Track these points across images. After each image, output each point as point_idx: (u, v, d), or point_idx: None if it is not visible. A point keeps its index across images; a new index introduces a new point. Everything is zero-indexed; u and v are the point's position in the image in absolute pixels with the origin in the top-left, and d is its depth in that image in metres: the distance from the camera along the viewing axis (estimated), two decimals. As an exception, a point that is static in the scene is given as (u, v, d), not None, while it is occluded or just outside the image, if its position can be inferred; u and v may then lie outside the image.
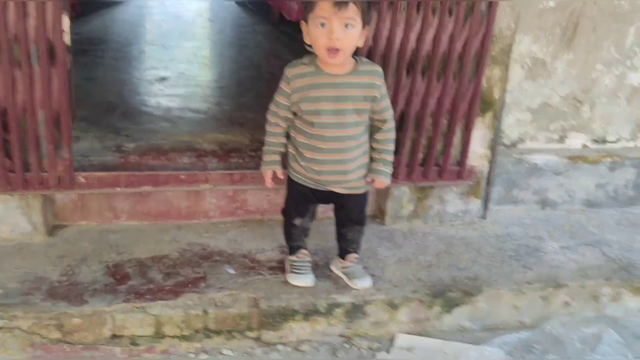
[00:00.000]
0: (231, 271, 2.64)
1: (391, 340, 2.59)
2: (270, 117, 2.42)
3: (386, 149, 2.42)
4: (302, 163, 2.37)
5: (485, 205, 3.29)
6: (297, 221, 2.52)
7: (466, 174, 3.07)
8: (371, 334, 2.63)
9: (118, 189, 2.66)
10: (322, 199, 2.48)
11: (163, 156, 2.87)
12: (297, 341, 2.55)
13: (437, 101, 2.88)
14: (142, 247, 2.75)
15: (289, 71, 2.29)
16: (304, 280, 2.56)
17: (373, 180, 2.44)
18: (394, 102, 2.79)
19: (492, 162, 3.17)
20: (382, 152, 2.41)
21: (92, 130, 3.09)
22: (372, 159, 2.42)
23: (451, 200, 3.19)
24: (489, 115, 3.04)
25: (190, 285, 2.51)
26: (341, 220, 2.56)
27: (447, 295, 2.66)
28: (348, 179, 2.38)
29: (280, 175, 2.48)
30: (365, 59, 2.37)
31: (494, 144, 3.12)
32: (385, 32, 2.68)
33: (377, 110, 2.34)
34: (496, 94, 3.00)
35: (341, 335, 2.60)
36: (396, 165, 2.92)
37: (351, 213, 2.52)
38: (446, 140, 2.99)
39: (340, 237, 2.60)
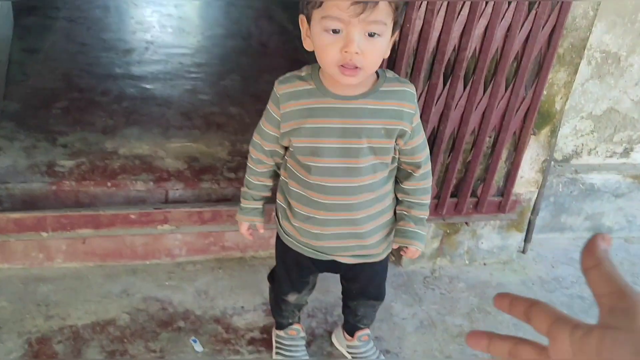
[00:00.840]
0: (198, 348, 1.96)
1: None
2: (252, 151, 1.65)
3: (420, 202, 1.65)
4: (294, 223, 1.63)
5: (527, 238, 2.59)
6: (291, 297, 1.82)
7: (510, 205, 2.35)
8: None
9: (44, 234, 1.94)
10: (324, 268, 1.76)
11: (110, 180, 2.13)
12: None
13: (482, 116, 2.13)
14: (81, 307, 2.06)
15: (280, 88, 1.48)
16: (296, 367, 1.89)
17: (402, 248, 1.71)
18: (423, 117, 2.04)
19: (541, 187, 2.45)
20: (414, 207, 1.64)
21: (19, 138, 2.33)
22: (398, 216, 1.69)
23: (486, 234, 2.49)
24: (545, 132, 2.30)
25: (140, 375, 1.83)
26: (351, 293, 1.86)
27: (485, 384, 2.00)
28: (362, 244, 1.66)
29: (260, 229, 1.76)
30: (390, 73, 1.56)
31: (547, 166, 2.40)
32: (418, 23, 1.90)
33: (406, 150, 1.58)
34: (558, 105, 2.25)
35: None
36: (421, 197, 2.21)
37: (366, 287, 1.82)
38: (488, 165, 2.26)
39: (348, 310, 1.91)
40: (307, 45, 1.41)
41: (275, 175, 1.69)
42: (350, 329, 1.95)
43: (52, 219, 1.93)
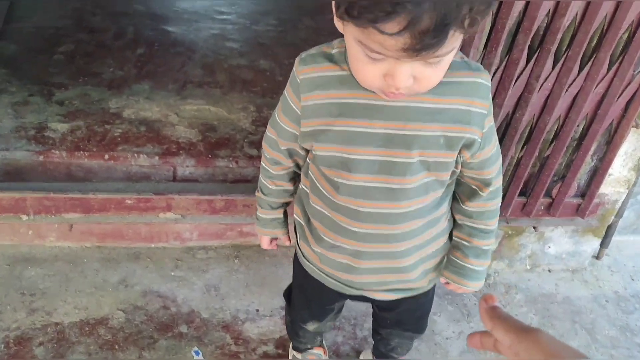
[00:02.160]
0: (200, 362, 1.66)
1: None
2: (265, 148, 1.23)
3: (484, 229, 1.22)
4: (315, 248, 1.25)
5: (604, 242, 2.15)
6: (311, 326, 1.47)
7: (591, 209, 1.91)
8: None
9: (23, 217, 1.63)
10: (354, 298, 1.39)
11: (108, 152, 1.78)
12: None
13: (572, 101, 1.66)
14: (71, 300, 1.77)
15: (301, 69, 1.06)
16: (313, 395, 1.58)
17: (450, 284, 1.29)
18: (496, 100, 1.59)
19: (632, 187, 1.99)
20: (477, 235, 1.22)
21: (9, 90, 1.99)
22: (454, 243, 1.27)
23: (556, 238, 2.07)
24: (649, 122, 1.80)
25: (129, 394, 1.55)
26: (384, 322, 1.49)
27: None
28: (404, 279, 1.26)
29: (286, 242, 1.39)
30: (460, 56, 1.08)
31: (644, 162, 1.92)
32: (501, -20, 1.42)
33: (473, 164, 1.14)
34: (672, 89, 1.74)
35: None
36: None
37: (404, 319, 1.44)
38: (571, 160, 1.80)
39: (379, 338, 1.55)
40: (339, 27, 0.94)
41: (298, 176, 1.30)
42: (381, 357, 1.61)
43: (34, 200, 1.61)
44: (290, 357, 1.66)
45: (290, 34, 2.57)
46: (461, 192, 1.21)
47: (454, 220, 1.26)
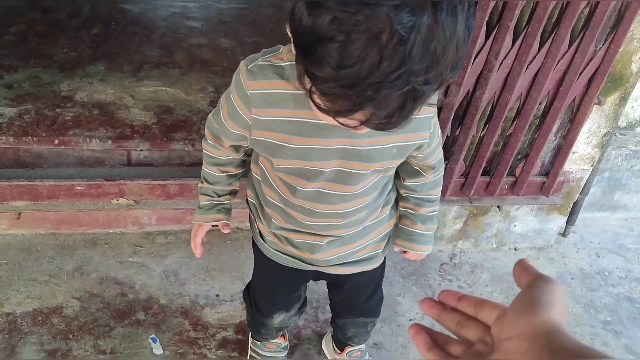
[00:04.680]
0: (157, 350, 1.62)
1: None
2: (209, 135, 1.18)
3: (429, 198, 1.23)
4: (272, 229, 1.22)
5: (570, 220, 2.14)
6: (277, 319, 1.42)
7: (555, 187, 1.89)
8: None
9: (-32, 206, 1.56)
10: (311, 276, 1.35)
11: (59, 137, 1.72)
12: None
13: (533, 78, 1.63)
14: (24, 289, 1.72)
15: (250, 82, 0.96)
16: (273, 384, 1.55)
17: (404, 251, 1.29)
18: (455, 80, 1.55)
19: (596, 164, 1.97)
20: (423, 204, 1.23)
21: (-45, 72, 1.91)
22: (402, 213, 1.26)
23: (521, 217, 2.05)
24: (612, 99, 1.78)
25: (83, 384, 1.51)
26: (339, 307, 1.46)
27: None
28: (352, 250, 1.24)
29: (226, 229, 1.29)
30: None
31: (608, 140, 1.90)
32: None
33: (420, 157, 1.13)
34: (635, 65, 1.72)
35: None
36: (445, 173, 1.76)
37: (355, 299, 1.41)
38: (534, 138, 1.78)
39: (336, 326, 1.53)
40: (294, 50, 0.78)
41: (242, 164, 1.25)
42: (339, 343, 1.59)
43: (-23, 188, 1.54)
44: (250, 344, 1.63)
45: (254, 12, 2.50)
46: (404, 172, 1.20)
47: (398, 193, 1.24)
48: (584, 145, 1.88)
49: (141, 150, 1.76)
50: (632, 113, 2.09)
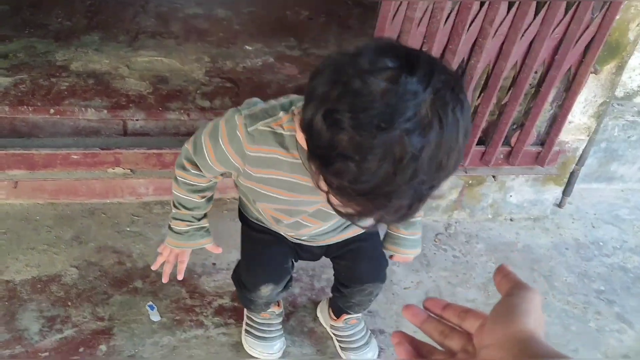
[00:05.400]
0: (154, 317, 1.65)
1: None
2: (187, 165, 1.17)
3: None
4: (261, 215, 1.28)
5: (566, 191, 2.15)
6: (265, 290, 1.40)
7: (551, 157, 1.89)
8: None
9: (-36, 175, 1.58)
10: (305, 250, 1.37)
11: (54, 105, 1.72)
12: None
13: (529, 47, 1.62)
14: (23, 257, 1.74)
15: (251, 145, 1.02)
16: (268, 350, 1.58)
17: (391, 255, 1.38)
18: (450, 47, 1.55)
19: (592, 134, 1.97)
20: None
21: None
22: None
23: (517, 187, 2.06)
24: (609, 68, 1.78)
25: (82, 350, 1.54)
26: (343, 276, 1.47)
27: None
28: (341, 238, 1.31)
29: (216, 250, 1.33)
30: None
31: (604, 109, 1.90)
32: None
33: None
34: (632, 34, 1.71)
35: None
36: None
37: (358, 264, 1.41)
38: (529, 108, 1.78)
39: (339, 294, 1.53)
40: (299, 138, 0.85)
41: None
42: (337, 310, 1.61)
43: (-27, 157, 1.55)
44: (245, 312, 1.65)
45: (251, -19, 2.47)
46: None
47: None
48: (580, 114, 1.88)
49: (137, 119, 1.76)
50: (629, 83, 2.08)
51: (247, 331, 1.61)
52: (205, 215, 1.28)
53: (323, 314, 1.69)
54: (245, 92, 1.85)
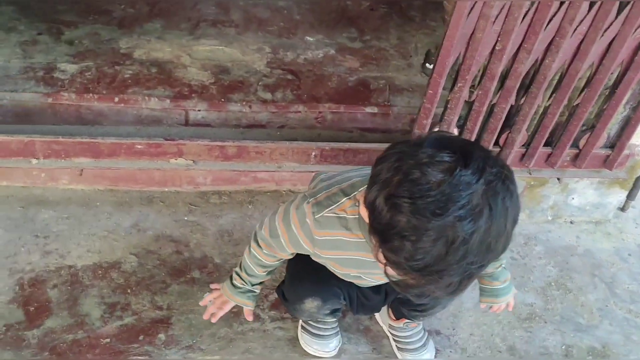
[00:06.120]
0: (212, 308, 1.65)
1: None
2: (262, 245, 1.30)
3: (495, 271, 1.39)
4: None
5: (631, 194, 2.07)
6: (310, 304, 1.38)
7: (620, 161, 1.82)
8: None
9: (33, 161, 1.61)
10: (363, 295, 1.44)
11: (119, 94, 1.74)
12: None
13: (608, 46, 1.55)
14: (84, 243, 1.77)
15: (319, 231, 1.14)
16: (324, 348, 1.58)
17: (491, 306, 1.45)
18: (525, 45, 1.49)
19: (665, 138, 1.89)
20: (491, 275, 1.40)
21: (17, 28, 1.93)
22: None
23: (580, 189, 1.99)
24: (690, 70, 1.69)
25: (142, 337, 1.56)
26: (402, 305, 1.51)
27: (553, 387, 1.64)
28: None
29: (249, 317, 1.46)
30: None
31: (680, 112, 1.81)
32: None
33: None
34: None
35: None
36: (506, 143, 1.72)
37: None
38: (602, 109, 1.71)
39: (404, 300, 1.49)
40: (363, 214, 0.94)
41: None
42: (397, 312, 1.58)
43: (42, 144, 1.58)
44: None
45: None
46: None
47: None
48: (654, 116, 1.80)
49: (199, 110, 1.76)
50: None
51: (303, 327, 1.60)
52: (260, 283, 1.40)
53: (381, 312, 1.68)
54: (307, 85, 1.83)
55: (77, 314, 1.60)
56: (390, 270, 0.89)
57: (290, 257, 1.32)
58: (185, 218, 1.89)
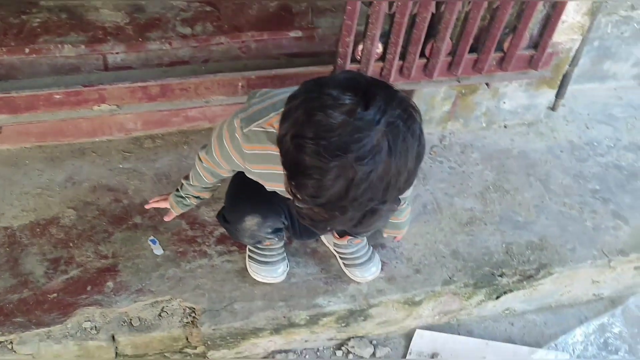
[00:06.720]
0: (158, 250, 1.66)
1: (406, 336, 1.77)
2: (205, 160, 1.38)
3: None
4: None
5: (560, 93, 2.13)
6: (250, 222, 1.42)
7: (544, 60, 1.85)
8: (376, 332, 1.77)
9: (-57, 123, 1.53)
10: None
11: (29, 45, 1.65)
12: (265, 353, 1.71)
13: (519, -56, 1.54)
14: (17, 203, 1.72)
15: (246, 144, 1.18)
16: (272, 274, 1.61)
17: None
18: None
19: (586, 33, 1.92)
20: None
21: None
22: None
23: (510, 93, 2.03)
24: (603, -39, 1.70)
25: (89, 288, 1.56)
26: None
27: (495, 283, 1.72)
28: None
29: (167, 218, 1.62)
30: None
31: (598, 6, 1.84)
32: None
33: None
34: None
35: (331, 339, 1.75)
36: (432, 53, 1.73)
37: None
38: (522, 9, 1.72)
39: None
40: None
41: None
42: (340, 231, 1.62)
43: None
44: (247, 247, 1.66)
45: None
46: None
47: None
48: (573, 13, 1.83)
49: (117, 53, 1.70)
50: (622, -24, 2.01)
51: (250, 257, 1.63)
52: (197, 198, 1.51)
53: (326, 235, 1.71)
54: (227, 15, 1.78)
55: (19, 273, 1.57)
56: (297, 202, 0.94)
57: (229, 174, 1.39)
58: (120, 166, 1.85)
